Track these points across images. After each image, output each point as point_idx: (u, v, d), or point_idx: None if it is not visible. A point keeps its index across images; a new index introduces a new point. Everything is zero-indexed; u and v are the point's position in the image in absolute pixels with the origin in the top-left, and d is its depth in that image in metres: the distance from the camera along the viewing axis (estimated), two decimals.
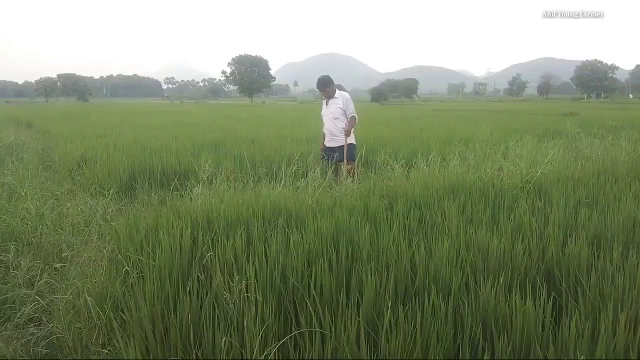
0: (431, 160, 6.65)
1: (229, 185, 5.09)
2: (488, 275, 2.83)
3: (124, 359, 2.18)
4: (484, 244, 3.26)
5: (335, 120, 6.67)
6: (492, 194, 4.68)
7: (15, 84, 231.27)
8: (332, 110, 6.70)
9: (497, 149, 8.41)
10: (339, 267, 2.85)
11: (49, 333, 2.94)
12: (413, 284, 2.77)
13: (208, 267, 2.98)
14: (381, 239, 3.26)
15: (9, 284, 3.57)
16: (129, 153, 8.15)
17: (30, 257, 3.92)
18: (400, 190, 4.79)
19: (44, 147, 11.10)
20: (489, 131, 12.29)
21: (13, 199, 5.22)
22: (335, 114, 6.67)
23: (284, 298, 2.66)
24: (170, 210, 3.91)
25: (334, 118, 6.67)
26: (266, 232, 3.50)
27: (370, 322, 2.36)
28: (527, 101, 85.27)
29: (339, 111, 6.65)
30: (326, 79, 6.78)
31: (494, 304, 2.43)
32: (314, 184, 5.19)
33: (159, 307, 2.45)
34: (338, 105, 6.65)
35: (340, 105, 6.63)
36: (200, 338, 2.30)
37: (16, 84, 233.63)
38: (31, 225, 4.47)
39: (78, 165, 7.66)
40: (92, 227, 4.47)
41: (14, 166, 7.72)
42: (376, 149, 8.57)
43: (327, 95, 6.76)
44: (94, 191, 5.78)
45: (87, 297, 2.84)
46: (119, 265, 3.15)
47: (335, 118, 6.67)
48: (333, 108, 6.70)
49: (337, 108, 6.65)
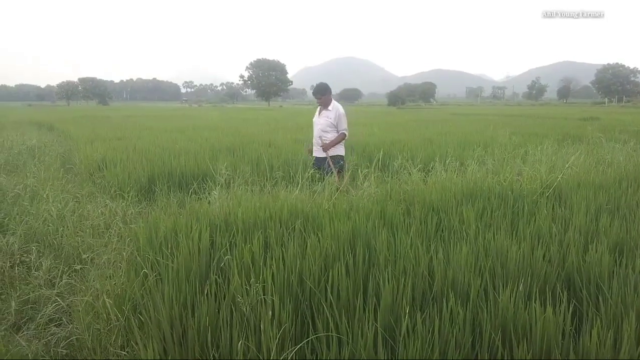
0: (449, 164, 6.61)
1: (247, 189, 5.12)
2: (507, 281, 2.80)
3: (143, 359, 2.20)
4: (503, 249, 3.22)
5: (325, 133, 6.47)
6: (511, 199, 4.63)
7: (37, 88, 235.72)
8: (322, 122, 6.50)
9: (516, 153, 8.32)
10: (355, 272, 2.84)
11: (69, 334, 2.98)
12: (431, 290, 2.75)
13: (226, 270, 3.00)
14: (398, 243, 3.25)
15: (31, 284, 3.63)
16: (149, 156, 8.24)
17: (51, 258, 3.99)
18: (418, 195, 4.76)
19: (65, 150, 11.29)
20: (508, 135, 12.16)
21: (35, 200, 5.30)
22: (325, 127, 6.48)
23: (301, 302, 2.66)
24: (189, 213, 3.94)
25: (323, 131, 6.48)
26: (283, 235, 3.51)
27: (388, 328, 2.34)
28: (547, 105, 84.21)
29: (329, 124, 6.45)
30: (323, 87, 6.59)
31: (513, 311, 2.40)
32: (330, 187, 5.19)
33: (177, 309, 2.47)
34: (329, 118, 6.44)
35: (330, 119, 6.43)
36: (217, 341, 2.32)
37: (38, 87, 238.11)
38: (52, 227, 4.54)
39: (98, 168, 7.77)
40: (111, 230, 4.52)
41: (36, 168, 7.86)
42: (393, 153, 8.56)
43: (322, 104, 6.56)
44: (113, 194, 5.86)
45: (106, 299, 2.87)
46: (138, 267, 3.17)
47: (324, 131, 6.48)
48: (323, 120, 6.50)
49: (328, 121, 6.45)
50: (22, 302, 3.39)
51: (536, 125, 18.46)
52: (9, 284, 3.67)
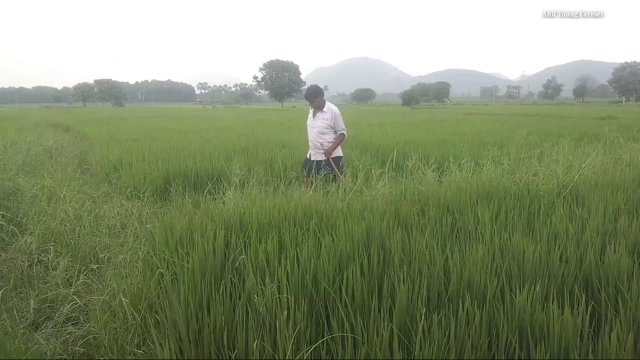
0: (464, 164, 6.56)
1: (260, 189, 5.13)
2: (524, 282, 2.77)
3: (160, 359, 2.21)
4: (519, 250, 3.19)
5: (322, 135, 6.36)
6: (527, 200, 4.58)
7: (54, 90, 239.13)
8: (318, 125, 6.36)
9: (532, 153, 8.23)
10: (370, 272, 2.84)
11: (86, 332, 3.01)
12: (446, 291, 2.73)
13: (241, 270, 3.01)
14: (413, 244, 3.23)
15: (48, 283, 3.67)
16: (164, 157, 8.31)
17: (68, 258, 4.03)
18: (432, 195, 4.73)
19: (82, 151, 11.42)
20: (524, 135, 12.05)
21: (52, 201, 5.37)
22: (322, 129, 6.35)
23: (316, 302, 2.66)
24: (204, 213, 3.96)
25: (321, 133, 6.35)
26: (298, 235, 3.52)
27: (403, 328, 2.33)
28: (563, 104, 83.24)
29: (325, 126, 6.33)
30: (315, 90, 6.47)
31: (530, 312, 2.37)
32: (344, 187, 5.19)
33: (193, 309, 2.48)
34: (325, 119, 6.32)
35: (327, 121, 6.31)
36: (233, 340, 2.32)
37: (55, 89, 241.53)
38: (69, 227, 4.59)
39: (114, 169, 7.84)
40: (127, 230, 4.56)
41: (53, 169, 7.96)
42: (407, 153, 8.53)
43: (316, 106, 6.43)
44: (129, 194, 5.91)
45: (123, 298, 2.90)
46: (154, 266, 3.20)
47: (322, 133, 6.36)
48: (319, 122, 6.36)
49: (324, 122, 6.33)
50: (41, 300, 3.43)
51: (552, 124, 18.26)
52: (28, 282, 3.72)
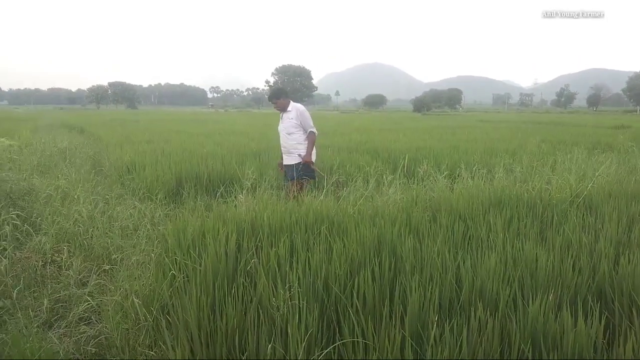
0: (476, 171, 6.54)
1: (272, 193, 5.16)
2: (536, 291, 2.75)
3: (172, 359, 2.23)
4: (531, 259, 3.17)
5: (290, 135, 6.09)
6: (540, 208, 4.56)
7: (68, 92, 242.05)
8: (286, 125, 6.12)
9: (544, 161, 8.18)
10: (382, 278, 2.83)
11: (98, 332, 3.03)
12: (458, 298, 2.72)
13: (252, 273, 3.02)
14: (425, 251, 3.23)
15: (62, 283, 3.71)
16: (176, 159, 8.37)
17: (81, 258, 4.08)
18: (444, 202, 4.72)
19: (95, 152, 11.53)
20: (537, 143, 11.97)
21: (66, 201, 5.43)
22: (289, 129, 6.09)
23: (327, 307, 2.66)
24: (216, 216, 3.99)
25: (288, 133, 6.10)
26: (309, 240, 3.52)
27: (414, 335, 2.33)
28: (576, 113, 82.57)
29: (292, 125, 6.06)
30: (278, 90, 6.22)
31: (543, 322, 2.36)
32: (355, 193, 5.20)
33: (205, 311, 2.50)
34: (291, 119, 6.06)
35: (293, 120, 6.04)
36: (244, 343, 2.33)
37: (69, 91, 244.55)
38: (83, 227, 4.64)
39: (127, 171, 7.91)
40: (140, 231, 4.60)
41: (67, 170, 8.06)
42: (418, 159, 8.51)
43: (279, 108, 6.19)
44: (142, 196, 5.96)
45: (135, 299, 2.92)
46: (166, 268, 3.22)
47: (290, 133, 6.09)
48: (287, 122, 6.12)
49: (291, 122, 6.07)
50: (54, 300, 3.47)
51: (565, 133, 18.11)
52: (41, 282, 3.76)
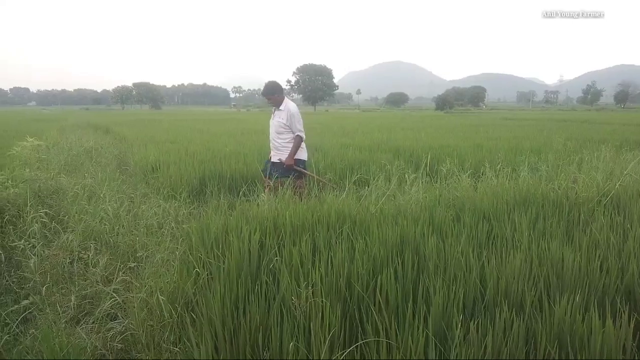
0: (500, 170, 6.45)
1: (294, 192, 5.17)
2: (563, 291, 2.70)
3: (196, 358, 2.25)
4: (557, 259, 3.12)
5: (279, 135, 6.08)
6: (566, 207, 4.47)
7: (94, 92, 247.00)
8: (276, 124, 6.08)
9: (571, 159, 8.03)
10: (404, 278, 2.82)
11: (124, 329, 3.08)
12: (482, 298, 2.69)
13: (275, 271, 3.04)
14: (448, 250, 3.20)
15: (88, 280, 3.78)
16: (200, 159, 8.45)
17: (107, 255, 4.14)
18: (468, 201, 4.67)
19: (120, 152, 11.72)
20: (562, 141, 11.76)
21: (92, 200, 5.53)
22: (278, 129, 6.06)
23: (349, 306, 2.66)
24: (239, 215, 4.02)
25: (277, 132, 6.08)
26: (331, 238, 3.53)
27: (438, 334, 2.31)
28: (603, 110, 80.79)
29: (281, 125, 6.03)
30: (272, 86, 6.13)
31: (570, 323, 2.32)
32: (377, 192, 5.18)
33: (229, 308, 2.52)
34: (281, 119, 6.02)
35: (282, 120, 6.00)
36: (268, 341, 2.35)
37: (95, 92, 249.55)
38: (109, 225, 4.71)
39: (152, 170, 8.02)
40: (164, 229, 4.65)
41: (93, 169, 8.21)
42: (441, 158, 8.44)
43: (273, 104, 6.12)
44: (166, 195, 6.03)
45: (160, 296, 2.96)
46: (190, 266, 3.26)
47: (279, 133, 6.07)
48: (276, 121, 6.08)
49: (280, 122, 6.03)
50: (81, 296, 3.53)
51: (592, 130, 17.76)
52: (69, 279, 3.84)
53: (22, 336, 3.03)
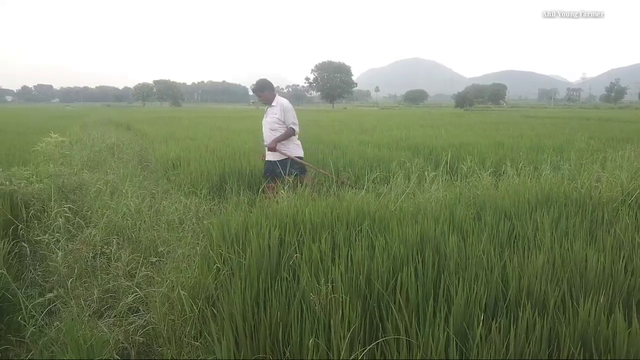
0: (521, 168, 6.37)
1: (313, 189, 5.18)
2: (586, 292, 2.66)
3: (217, 352, 2.27)
4: (581, 259, 3.07)
5: (273, 131, 6.02)
6: (589, 207, 4.40)
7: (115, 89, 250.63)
8: (269, 121, 6.03)
9: (594, 158, 7.89)
10: (425, 276, 2.81)
11: (146, 323, 3.12)
12: (504, 298, 2.66)
13: (295, 268, 3.05)
14: (469, 249, 3.17)
15: (110, 274, 3.84)
16: (219, 155, 8.50)
17: (129, 250, 4.20)
18: (489, 200, 4.62)
19: (142, 148, 11.85)
20: (585, 139, 11.56)
21: (115, 195, 5.60)
22: (272, 125, 6.01)
23: (369, 304, 2.66)
24: (259, 211, 4.04)
25: (272, 129, 6.02)
26: (350, 236, 3.52)
27: (459, 334, 2.29)
28: (627, 108, 79.13)
29: (275, 121, 5.99)
30: (262, 83, 6.09)
31: (594, 324, 2.28)
32: (396, 190, 5.16)
33: (250, 304, 2.54)
34: (275, 114, 5.98)
35: (276, 115, 5.96)
36: (288, 337, 2.36)
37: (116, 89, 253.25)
38: (131, 221, 4.78)
39: (173, 166, 8.09)
40: (185, 225, 4.70)
41: (115, 165, 8.33)
42: (462, 156, 8.36)
43: (265, 101, 6.10)
44: (187, 191, 6.09)
45: (181, 290, 3.00)
46: (211, 261, 3.29)
47: (273, 129, 6.03)
48: (270, 117, 6.03)
49: (274, 118, 5.99)
50: (103, 290, 3.59)
51: (616, 129, 17.40)
52: (92, 273, 3.90)
53: (47, 328, 3.09)
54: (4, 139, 12.92)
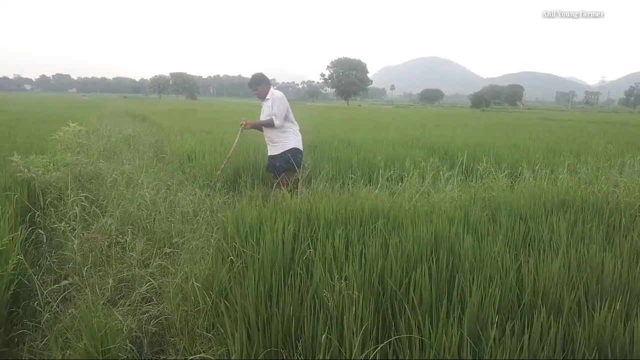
0: (538, 171, 6.31)
1: (327, 186, 5.18)
2: (602, 298, 2.63)
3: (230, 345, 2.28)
4: (597, 264, 3.03)
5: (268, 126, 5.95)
6: (606, 212, 4.34)
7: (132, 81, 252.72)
8: (266, 115, 5.96)
9: (612, 163, 7.78)
10: (439, 276, 2.79)
11: (159, 313, 3.15)
12: (518, 301, 2.64)
13: (308, 263, 3.05)
14: (484, 250, 3.15)
15: (125, 264, 3.88)
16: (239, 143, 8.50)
17: (144, 240, 4.24)
18: (504, 202, 4.59)
19: (157, 140, 11.93)
20: (603, 144, 11.40)
21: (130, 186, 5.65)
22: (267, 118, 5.94)
23: (382, 302, 2.65)
24: (273, 206, 4.05)
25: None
26: (364, 233, 3.52)
27: (472, 335, 2.28)
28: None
29: (269, 114, 5.89)
30: (257, 77, 6.00)
31: (611, 330, 2.25)
32: (410, 189, 5.14)
33: (262, 298, 2.55)
34: (269, 107, 5.90)
35: (270, 109, 5.87)
36: (300, 331, 2.36)
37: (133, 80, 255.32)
38: (146, 211, 4.81)
39: (188, 159, 8.14)
40: (200, 217, 4.73)
41: (131, 156, 8.40)
42: (477, 157, 8.30)
43: (259, 95, 6.01)
44: (202, 183, 6.12)
45: (195, 282, 3.01)
46: (225, 254, 3.30)
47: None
48: (267, 111, 5.96)
49: (268, 111, 5.92)
50: (118, 279, 3.63)
51: (635, 133, 17.13)
52: (106, 262, 3.95)
53: (61, 315, 3.13)
54: (23, 127, 13.10)
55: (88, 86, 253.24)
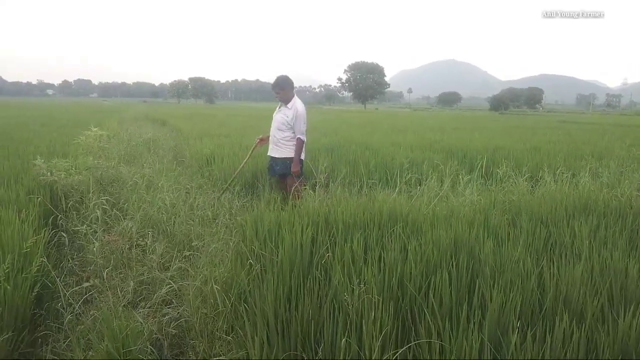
0: (559, 175, 6.22)
1: (344, 189, 5.17)
2: (627, 304, 2.58)
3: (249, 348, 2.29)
4: (620, 269, 2.98)
5: (280, 131, 5.97)
6: (629, 216, 4.26)
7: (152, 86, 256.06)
8: (279, 119, 5.97)
9: (635, 167, 7.64)
10: (459, 281, 2.77)
11: (179, 315, 3.18)
12: (540, 306, 2.60)
13: (327, 267, 3.05)
14: (505, 255, 3.11)
15: (145, 266, 3.92)
16: (253, 153, 8.56)
17: (164, 243, 4.28)
18: (525, 206, 4.53)
19: (177, 144, 12.06)
20: (626, 147, 11.20)
21: (151, 189, 5.72)
22: (280, 125, 5.96)
23: (401, 306, 2.64)
24: (292, 209, 4.06)
25: (279, 129, 5.97)
26: (383, 237, 3.50)
27: (493, 340, 2.26)
28: None
29: (284, 122, 5.92)
30: (283, 80, 6.02)
31: (636, 337, 2.21)
32: (429, 193, 5.11)
33: (282, 301, 2.55)
34: (286, 116, 5.91)
35: (287, 118, 5.89)
36: (319, 335, 2.36)
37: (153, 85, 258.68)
38: (166, 214, 4.87)
39: (207, 162, 8.20)
40: (219, 220, 4.76)
41: (151, 160, 8.50)
42: (497, 160, 8.21)
43: (282, 99, 6.01)
44: (221, 187, 6.16)
45: (214, 285, 3.03)
46: (244, 257, 3.32)
47: (280, 129, 5.97)
48: (280, 116, 5.97)
49: (284, 118, 5.92)
50: (138, 282, 3.67)
51: None
52: (127, 264, 4.00)
53: (83, 316, 3.18)
54: (46, 132, 13.33)
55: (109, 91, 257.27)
